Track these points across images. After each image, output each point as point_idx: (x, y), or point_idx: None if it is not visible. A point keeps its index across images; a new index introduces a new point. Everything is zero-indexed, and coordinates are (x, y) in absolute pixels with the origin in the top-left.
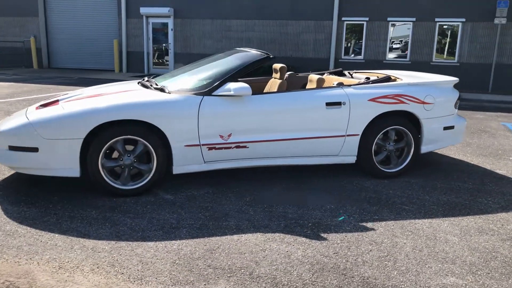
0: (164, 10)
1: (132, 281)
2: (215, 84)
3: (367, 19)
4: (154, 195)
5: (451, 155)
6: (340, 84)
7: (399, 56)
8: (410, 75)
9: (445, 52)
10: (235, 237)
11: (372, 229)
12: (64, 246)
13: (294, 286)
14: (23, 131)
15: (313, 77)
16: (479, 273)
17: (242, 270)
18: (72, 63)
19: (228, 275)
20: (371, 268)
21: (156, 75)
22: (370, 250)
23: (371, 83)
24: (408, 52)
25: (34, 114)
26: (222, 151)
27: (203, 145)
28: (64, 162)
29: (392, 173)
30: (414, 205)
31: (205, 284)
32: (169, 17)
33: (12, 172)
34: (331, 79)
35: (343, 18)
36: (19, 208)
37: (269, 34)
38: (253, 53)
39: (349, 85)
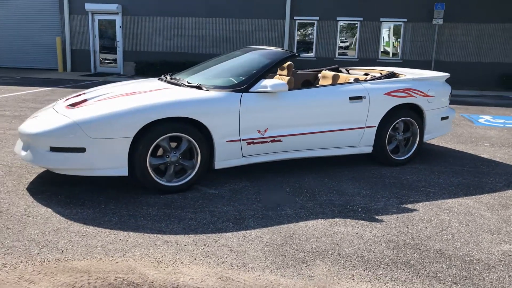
0: (112, 7)
1: (237, 269)
2: (251, 81)
3: (317, 18)
4: (197, 191)
5: (435, 144)
6: (357, 80)
7: (343, 54)
8: (408, 72)
9: (390, 50)
10: (301, 223)
11: (415, 209)
12: (146, 242)
13: (384, 262)
14: (69, 131)
15: (328, 73)
16: None
17: (330, 252)
18: (13, 62)
19: (321, 257)
20: (437, 242)
21: (173, 73)
22: (426, 228)
23: (383, 78)
24: (356, 49)
25: (75, 113)
26: (259, 146)
27: (242, 140)
28: (112, 161)
29: (401, 160)
30: (435, 188)
31: (306, 266)
32: (117, 14)
33: (34, 175)
34: (329, 75)
35: (295, 17)
36: (71, 210)
37: (223, 32)
38: (279, 50)
39: (365, 81)
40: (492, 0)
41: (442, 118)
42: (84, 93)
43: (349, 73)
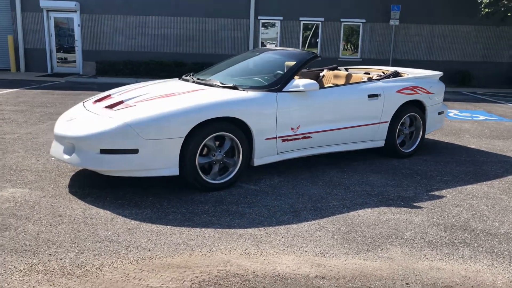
0: (70, 4)
1: (322, 256)
2: (284, 81)
3: (281, 18)
4: (240, 187)
5: (425, 136)
6: (370, 79)
7: None
8: (408, 71)
9: (350, 49)
10: (353, 213)
11: (443, 196)
12: (223, 237)
13: (444, 242)
14: (121, 133)
15: (341, 73)
16: None
17: (393, 236)
18: None
19: (388, 241)
20: (478, 223)
21: (192, 74)
22: (461, 211)
23: (392, 77)
24: (318, 49)
25: (123, 115)
26: (292, 142)
27: (278, 137)
28: (164, 161)
29: (408, 153)
30: (448, 176)
31: (380, 250)
32: (75, 12)
33: (67, 178)
34: (343, 74)
35: (259, 17)
36: (130, 211)
37: (187, 31)
38: (302, 52)
39: (378, 79)
40: (441, 4)
41: (439, 113)
42: (110, 94)
43: (346, 71)
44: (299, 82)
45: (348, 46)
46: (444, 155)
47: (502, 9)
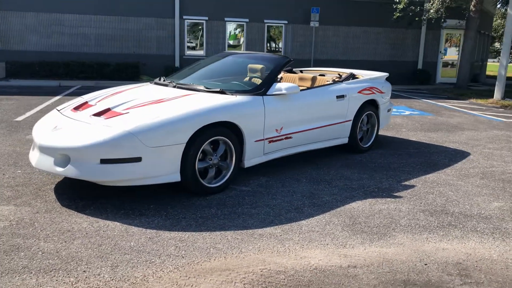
0: None
1: (343, 247)
2: (267, 85)
3: (206, 18)
4: (233, 190)
5: None
6: (335, 81)
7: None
8: (361, 73)
9: (274, 50)
10: (348, 206)
11: (413, 185)
12: (245, 238)
13: (434, 225)
14: (124, 142)
15: (306, 75)
16: (507, 196)
17: (393, 224)
18: None
19: (391, 229)
20: (454, 207)
21: (163, 78)
22: (435, 198)
23: (351, 79)
24: (243, 49)
25: (121, 122)
26: (276, 143)
27: (265, 139)
28: (166, 168)
29: (366, 148)
30: (408, 167)
31: (389, 237)
32: None
33: (50, 192)
34: (308, 77)
35: (184, 17)
36: (140, 220)
37: (108, 30)
38: (276, 56)
39: (341, 81)
40: (355, 7)
41: (388, 110)
42: (87, 101)
43: (302, 73)
44: (281, 86)
45: (270, 47)
46: (394, 148)
47: (410, 14)
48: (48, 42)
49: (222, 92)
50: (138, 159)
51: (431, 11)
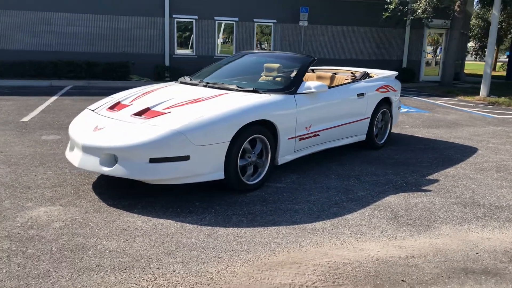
0: None
1: (393, 239)
2: (297, 83)
3: (196, 17)
4: (268, 187)
5: None
6: (354, 80)
7: (223, 52)
8: (373, 71)
9: (265, 48)
10: (384, 201)
11: (438, 179)
12: (299, 233)
13: (471, 217)
14: (173, 140)
15: (325, 74)
16: None
17: (433, 216)
18: None
19: (432, 221)
20: (483, 199)
21: (189, 78)
22: (462, 191)
23: (367, 78)
24: (234, 48)
25: (167, 121)
26: (306, 141)
27: (296, 136)
28: (212, 166)
29: (381, 144)
30: (426, 163)
31: (433, 228)
32: None
33: (90, 192)
34: (327, 75)
35: (174, 16)
36: (191, 218)
37: (98, 29)
38: (301, 55)
39: (360, 80)
40: (342, 7)
41: (398, 108)
42: (120, 101)
43: (314, 72)
44: (310, 84)
45: (260, 45)
46: (405, 144)
47: (399, 14)
48: (35, 41)
49: (255, 91)
50: (187, 158)
51: (419, 11)
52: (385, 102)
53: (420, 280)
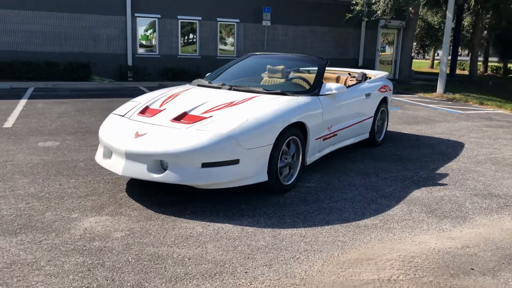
0: None
1: (443, 231)
2: (319, 85)
3: (159, 16)
4: (300, 187)
5: None
6: (359, 81)
7: (186, 52)
8: (369, 72)
9: (226, 48)
10: (411, 196)
11: (447, 173)
12: (355, 230)
13: (495, 207)
14: (225, 144)
15: (330, 75)
16: None
17: (462, 207)
18: None
19: (465, 212)
20: (497, 190)
21: (207, 80)
22: (474, 184)
23: (369, 79)
24: (197, 48)
25: (217, 126)
26: (327, 140)
27: (321, 137)
28: (258, 169)
29: (380, 141)
30: (428, 158)
31: (470, 219)
32: None
33: (129, 199)
34: (333, 77)
35: (136, 14)
36: (247, 221)
37: (57, 27)
38: (314, 57)
39: (363, 81)
40: (303, 8)
41: (391, 106)
42: (148, 106)
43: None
44: (331, 86)
45: (223, 44)
46: (397, 141)
47: (360, 15)
48: None
49: (283, 93)
50: (236, 161)
51: (378, 12)
52: (384, 101)
53: (487, 267)
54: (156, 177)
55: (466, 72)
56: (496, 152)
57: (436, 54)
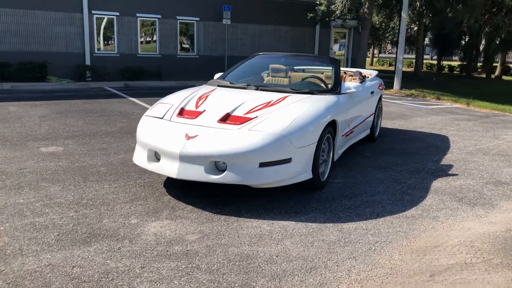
0: None
1: (480, 217)
2: (339, 84)
3: (117, 13)
4: (330, 183)
5: None
6: (362, 79)
7: (146, 50)
8: (363, 71)
9: (186, 46)
10: (434, 186)
11: (451, 164)
12: (404, 220)
13: (501, 194)
14: (280, 144)
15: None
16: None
17: (484, 196)
18: None
19: (488, 198)
20: (500, 177)
21: (229, 81)
22: (479, 173)
23: (368, 77)
24: (157, 46)
25: (269, 126)
26: (347, 137)
27: (344, 134)
28: (305, 167)
29: (376, 137)
30: (422, 151)
31: (497, 205)
32: None
33: (172, 200)
34: None
35: (94, 12)
36: (303, 218)
37: (9, 25)
38: (327, 57)
39: (365, 79)
40: (262, 7)
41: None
42: (184, 108)
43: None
44: (349, 85)
45: (182, 43)
46: (388, 136)
47: (320, 14)
48: None
49: (311, 92)
50: (289, 160)
51: (337, 12)
52: (380, 99)
53: None
54: (214, 178)
55: (409, 69)
56: (478, 143)
57: (375, 52)
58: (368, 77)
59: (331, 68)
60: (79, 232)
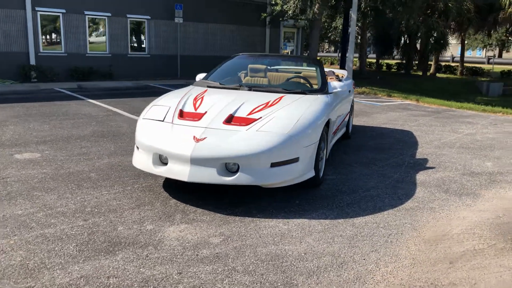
0: None
1: (474, 205)
2: (326, 84)
3: (63, 11)
4: (327, 180)
5: None
6: (340, 79)
7: (95, 49)
8: (337, 71)
9: (138, 45)
10: (420, 178)
11: (427, 158)
12: (406, 212)
13: (492, 184)
14: (289, 144)
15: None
16: (483, 156)
17: (468, 186)
18: None
19: (474, 189)
20: (490, 169)
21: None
22: (452, 163)
23: (342, 76)
24: (107, 45)
25: (277, 127)
26: (335, 136)
27: (333, 132)
28: (309, 165)
29: (350, 134)
30: (397, 145)
31: (483, 196)
32: None
33: (182, 204)
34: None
35: (37, 8)
36: (315, 215)
37: None
38: (310, 56)
39: (340, 79)
40: (214, 6)
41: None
42: (182, 110)
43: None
44: (335, 84)
45: (132, 42)
46: (359, 132)
47: (273, 14)
48: None
49: (303, 93)
50: (297, 160)
51: (289, 12)
52: (352, 98)
53: None
54: (228, 180)
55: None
56: (441, 137)
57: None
58: (342, 76)
59: (314, 68)
60: (97, 241)
